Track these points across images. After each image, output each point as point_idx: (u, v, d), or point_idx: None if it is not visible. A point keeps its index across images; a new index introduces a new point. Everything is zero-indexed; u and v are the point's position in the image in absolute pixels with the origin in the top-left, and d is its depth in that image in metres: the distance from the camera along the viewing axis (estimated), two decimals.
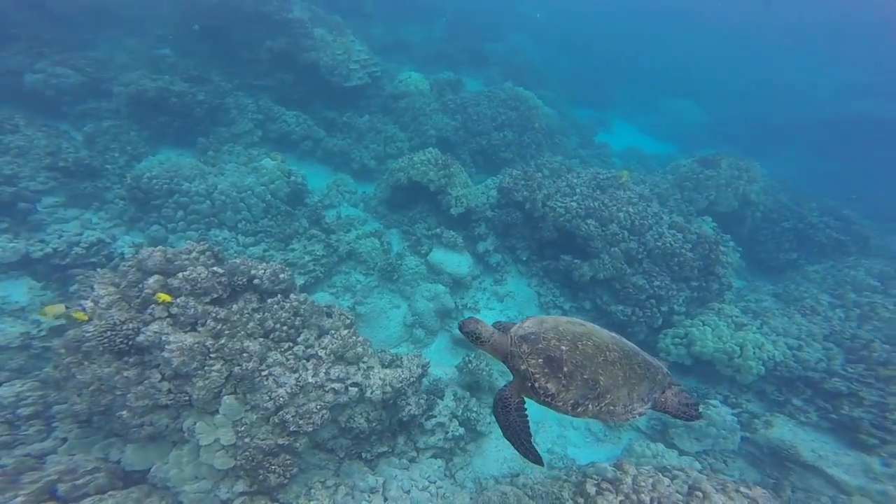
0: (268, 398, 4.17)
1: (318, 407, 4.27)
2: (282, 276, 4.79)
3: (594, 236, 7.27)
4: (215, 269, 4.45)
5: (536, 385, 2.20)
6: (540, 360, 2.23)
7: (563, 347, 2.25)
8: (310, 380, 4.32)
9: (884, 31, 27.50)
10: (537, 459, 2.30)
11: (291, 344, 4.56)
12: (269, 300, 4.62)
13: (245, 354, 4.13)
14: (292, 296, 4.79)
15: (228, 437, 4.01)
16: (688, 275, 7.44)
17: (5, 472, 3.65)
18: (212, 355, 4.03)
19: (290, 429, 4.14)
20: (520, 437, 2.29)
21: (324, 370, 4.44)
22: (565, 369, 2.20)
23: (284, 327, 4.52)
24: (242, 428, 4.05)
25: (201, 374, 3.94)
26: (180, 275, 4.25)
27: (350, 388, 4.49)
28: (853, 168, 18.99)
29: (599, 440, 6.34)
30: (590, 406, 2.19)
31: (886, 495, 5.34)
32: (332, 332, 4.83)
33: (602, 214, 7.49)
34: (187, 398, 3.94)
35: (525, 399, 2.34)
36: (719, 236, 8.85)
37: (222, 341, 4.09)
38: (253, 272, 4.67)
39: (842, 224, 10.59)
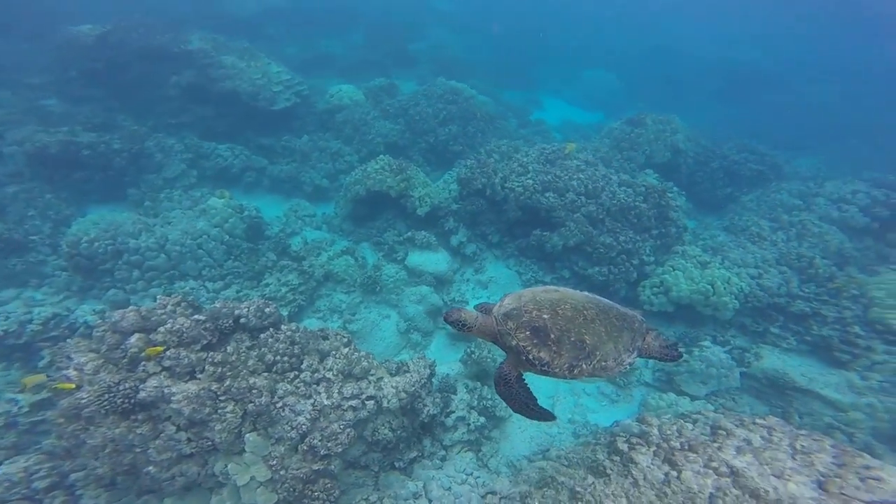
0: (289, 428, 4.12)
1: (342, 426, 4.28)
2: (267, 310, 4.72)
3: (555, 207, 7.79)
4: (196, 317, 4.31)
5: (531, 356, 2.27)
6: (528, 333, 2.30)
7: (545, 316, 2.33)
8: (325, 402, 4.32)
9: None
10: (548, 416, 2.42)
11: (297, 372, 4.52)
12: (262, 335, 4.54)
13: (254, 391, 4.05)
14: (283, 327, 4.74)
15: (263, 472, 3.96)
16: (647, 224, 8.09)
17: None
18: (221, 398, 3.92)
19: (321, 453, 4.13)
20: (527, 406, 2.38)
21: (336, 390, 4.45)
22: (552, 336, 2.28)
23: (285, 357, 4.47)
24: (274, 461, 3.99)
25: (216, 416, 3.83)
26: (162, 329, 4.08)
27: (367, 402, 4.54)
28: (748, 111, 21.87)
29: (614, 401, 6.66)
30: (584, 366, 2.28)
31: (873, 407, 5.74)
32: (333, 352, 4.84)
33: (557, 185, 8.03)
34: (210, 443, 3.82)
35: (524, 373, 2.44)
36: (664, 184, 9.76)
37: (227, 383, 3.98)
38: (237, 312, 4.56)
39: (757, 157, 12.14)
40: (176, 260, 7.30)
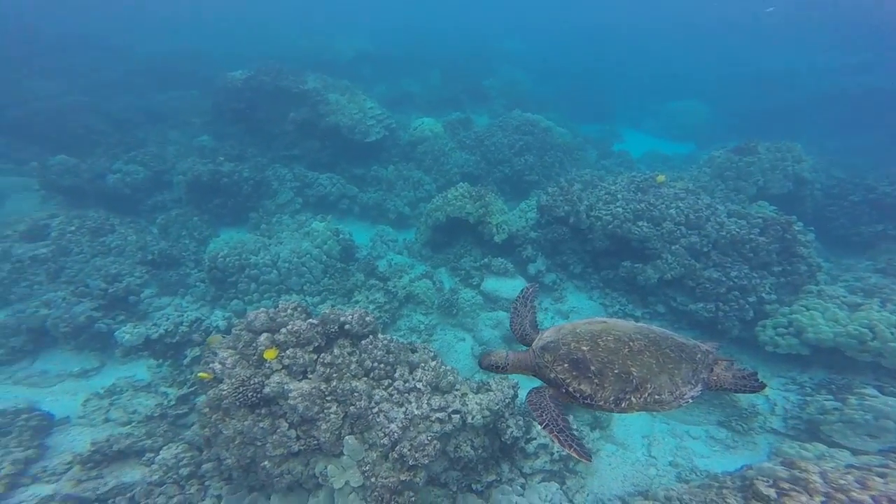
0: (382, 434, 4.57)
1: (429, 438, 4.62)
2: (367, 318, 5.35)
3: (650, 237, 7.58)
4: (311, 320, 5.11)
5: (571, 389, 2.28)
6: (566, 365, 2.31)
7: (584, 347, 2.32)
8: (416, 412, 4.73)
9: (874, 8, 28.27)
10: (584, 453, 2.31)
11: (391, 380, 5.03)
12: (363, 342, 5.17)
13: (355, 394, 4.63)
14: (380, 336, 5.34)
15: (356, 478, 4.38)
16: (766, 260, 7.48)
17: None
18: (328, 398, 4.56)
19: (409, 463, 4.47)
20: (556, 422, 2.33)
21: (425, 401, 4.84)
22: (593, 368, 2.25)
23: (381, 365, 5.01)
24: (367, 468, 4.42)
25: (322, 416, 4.46)
26: (283, 330, 4.91)
27: (452, 416, 4.85)
28: (884, 139, 18.87)
29: (729, 447, 6.13)
30: (633, 399, 2.22)
31: None
32: (422, 364, 5.28)
33: (652, 214, 7.83)
34: (316, 442, 4.42)
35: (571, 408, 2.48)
36: (787, 217, 8.94)
37: (333, 384, 4.62)
38: (342, 319, 5.24)
39: None
40: (284, 275, 8.64)
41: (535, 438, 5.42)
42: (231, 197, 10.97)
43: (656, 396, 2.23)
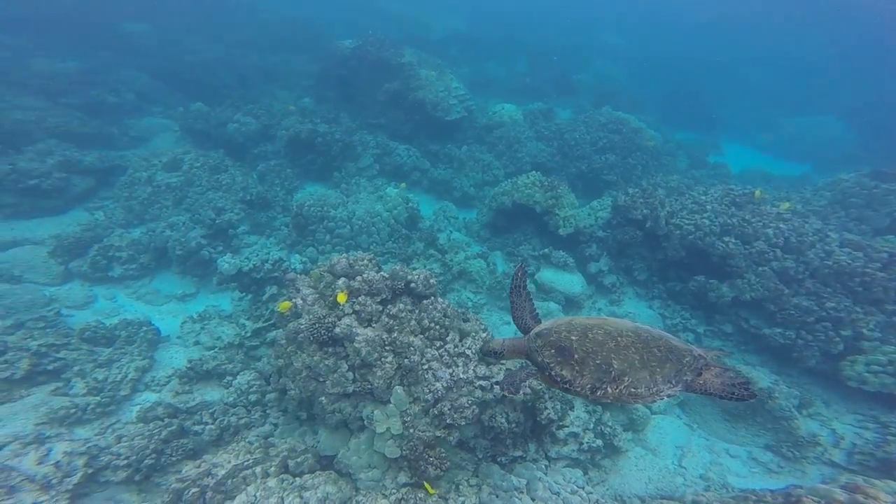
0: (427, 391, 4.75)
1: (469, 402, 4.73)
2: (431, 280, 5.46)
3: (734, 254, 6.86)
4: (382, 273, 5.35)
5: (553, 373, 2.41)
6: (552, 351, 2.44)
7: (573, 337, 2.45)
8: (461, 376, 4.84)
9: None
10: (513, 389, 2.56)
11: (442, 342, 5.17)
12: (424, 302, 5.32)
13: (411, 348, 4.83)
14: (440, 299, 5.46)
15: (397, 426, 4.57)
16: (880, 297, 6.59)
17: (251, 449, 4.76)
18: (387, 348, 4.82)
19: (447, 421, 4.62)
20: (512, 381, 2.58)
21: (472, 368, 4.94)
22: (576, 356, 2.37)
23: (437, 326, 5.13)
24: (408, 419, 4.62)
25: (379, 363, 4.73)
26: (359, 278, 5.20)
27: (494, 386, 4.90)
28: None
29: (772, 472, 5.62)
30: (609, 389, 2.31)
31: None
32: (473, 334, 5.35)
33: (744, 231, 7.07)
34: (369, 387, 4.71)
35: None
36: None
37: (394, 335, 4.86)
38: (409, 277, 5.40)
39: None
40: (356, 232, 9.12)
41: (567, 426, 5.32)
42: (321, 155, 11.66)
43: (632, 390, 2.30)
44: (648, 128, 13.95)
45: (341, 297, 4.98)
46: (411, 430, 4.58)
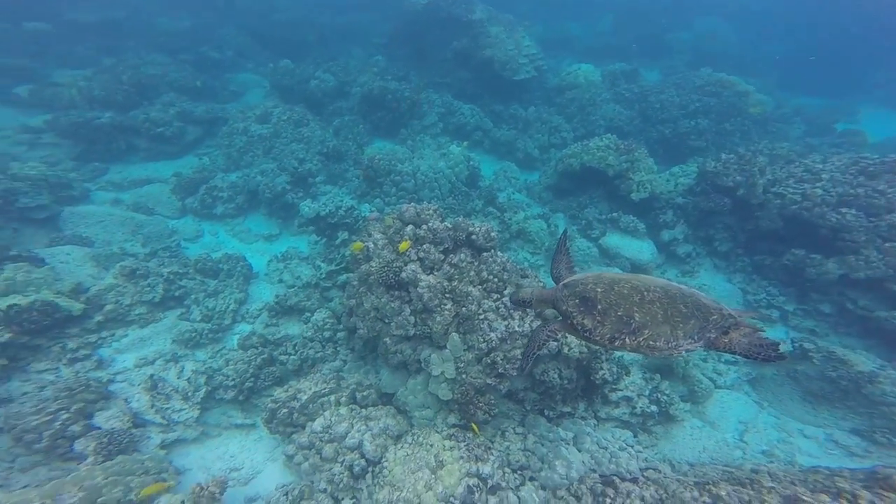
0: (482, 340, 4.80)
1: (522, 354, 4.73)
2: (492, 234, 5.30)
3: (852, 227, 5.78)
4: (445, 224, 5.34)
5: (574, 322, 2.45)
6: (577, 301, 2.48)
7: (599, 289, 2.45)
8: (516, 328, 4.80)
9: None
10: (526, 363, 2.81)
11: (499, 295, 5.13)
12: (484, 254, 5.26)
13: (469, 298, 4.87)
14: (499, 253, 5.36)
15: (451, 371, 4.70)
16: None
17: (326, 379, 5.24)
18: (447, 295, 4.90)
19: (498, 370, 4.67)
20: (531, 347, 2.75)
21: (528, 322, 4.87)
22: (599, 307, 2.39)
23: (495, 279, 5.06)
24: (462, 365, 4.73)
25: (439, 310, 4.84)
26: (424, 226, 5.24)
27: (550, 343, 4.81)
28: None
29: (854, 455, 5.03)
30: (627, 340, 2.31)
31: None
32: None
33: (873, 203, 5.93)
34: (428, 331, 4.85)
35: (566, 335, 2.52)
36: None
37: (454, 283, 4.90)
38: (471, 229, 5.31)
39: None
40: (419, 186, 9.17)
41: (621, 390, 5.12)
42: (390, 112, 11.67)
43: (651, 342, 2.30)
44: (758, 92, 11.80)
45: (403, 245, 5.07)
46: (464, 376, 4.69)
